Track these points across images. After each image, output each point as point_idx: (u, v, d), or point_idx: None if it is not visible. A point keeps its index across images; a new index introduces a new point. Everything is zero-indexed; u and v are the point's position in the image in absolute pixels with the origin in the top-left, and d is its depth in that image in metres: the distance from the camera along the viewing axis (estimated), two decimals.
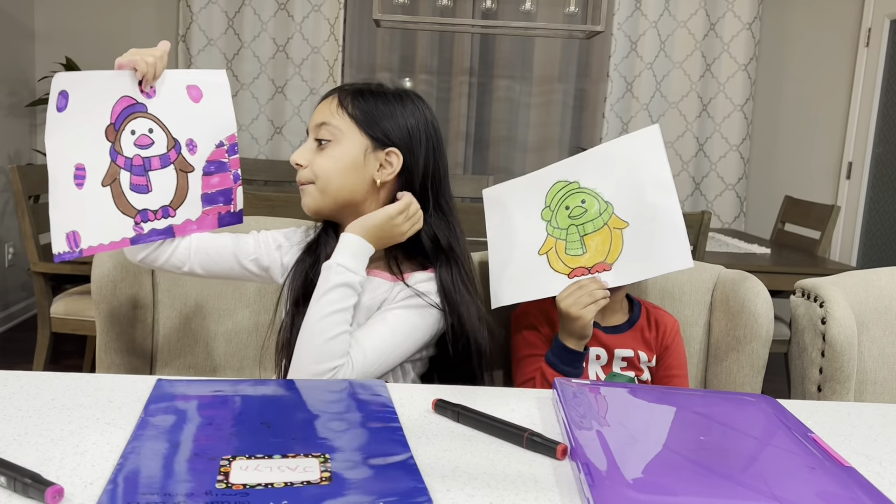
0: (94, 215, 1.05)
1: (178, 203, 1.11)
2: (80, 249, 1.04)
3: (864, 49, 3.61)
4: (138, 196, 1.08)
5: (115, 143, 1.06)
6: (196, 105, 1.12)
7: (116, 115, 1.06)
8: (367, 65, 3.92)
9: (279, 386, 0.93)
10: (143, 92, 1.08)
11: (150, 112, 1.08)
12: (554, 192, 1.19)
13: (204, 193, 1.13)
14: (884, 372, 1.28)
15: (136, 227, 1.08)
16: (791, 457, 0.74)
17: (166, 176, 1.10)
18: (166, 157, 1.10)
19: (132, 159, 1.07)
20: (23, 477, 0.63)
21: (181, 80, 1.11)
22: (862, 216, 3.60)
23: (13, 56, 3.63)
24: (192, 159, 1.12)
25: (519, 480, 0.71)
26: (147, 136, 1.08)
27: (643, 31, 3.78)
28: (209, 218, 1.14)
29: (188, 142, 1.11)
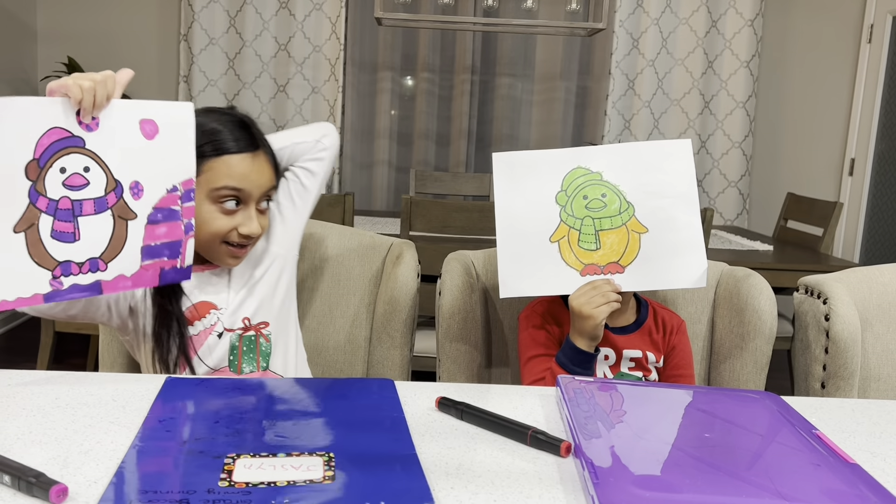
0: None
1: (112, 255, 0.95)
2: None
3: (867, 45, 3.61)
4: (61, 245, 0.90)
5: (36, 181, 0.88)
6: (149, 142, 0.97)
7: (43, 149, 0.88)
8: (368, 63, 3.92)
9: (285, 384, 0.93)
10: (82, 123, 0.91)
11: (87, 147, 0.92)
12: (573, 177, 1.15)
13: (146, 245, 0.98)
14: (887, 368, 1.27)
15: (54, 281, 0.90)
16: (795, 454, 0.74)
17: (100, 223, 0.93)
18: (103, 202, 0.93)
19: (58, 202, 0.90)
20: (27, 476, 0.63)
21: (134, 112, 0.96)
22: (865, 213, 3.60)
23: (16, 56, 3.63)
24: (136, 205, 0.96)
25: (523, 478, 0.71)
26: (81, 176, 0.91)
27: (645, 28, 3.77)
28: (148, 273, 0.98)
29: (133, 185, 0.96)
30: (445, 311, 1.27)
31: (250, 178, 1.10)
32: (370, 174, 3.98)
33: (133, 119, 0.96)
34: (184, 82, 3.75)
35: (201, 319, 1.14)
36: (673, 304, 1.33)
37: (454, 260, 1.32)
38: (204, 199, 1.09)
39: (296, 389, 0.91)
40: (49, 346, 2.40)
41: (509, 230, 1.16)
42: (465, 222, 2.27)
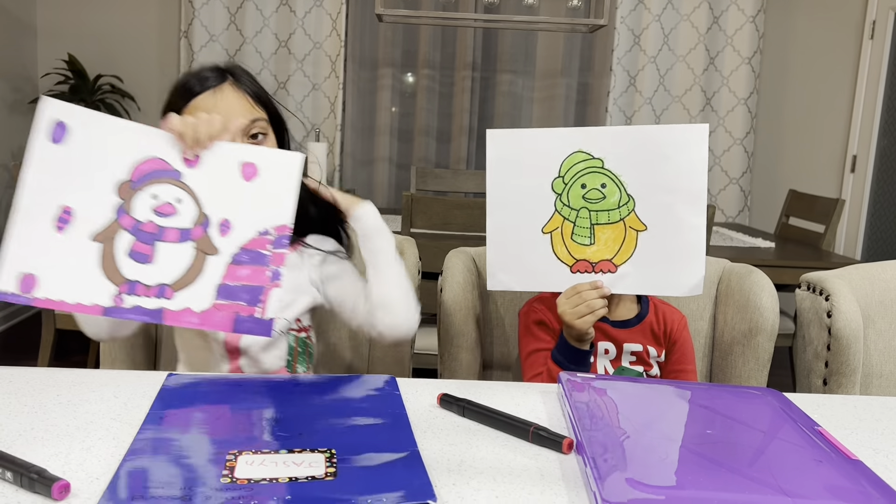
0: (66, 267, 0.89)
1: (182, 286, 0.92)
2: (30, 296, 0.87)
3: (869, 41, 3.60)
4: (134, 265, 0.91)
5: (126, 200, 0.92)
6: (246, 184, 0.95)
7: (140, 174, 0.93)
8: (369, 60, 3.92)
9: (287, 382, 0.93)
10: (185, 159, 0.94)
11: (182, 181, 0.94)
12: (571, 162, 1.06)
13: (223, 284, 0.92)
14: (889, 365, 1.27)
15: (117, 297, 0.90)
16: (798, 450, 0.74)
17: (179, 252, 0.92)
18: (187, 233, 0.93)
19: (143, 224, 0.92)
20: (29, 472, 0.63)
21: (237, 154, 0.96)
22: (866, 209, 3.59)
23: (16, 53, 3.63)
24: (221, 241, 0.93)
25: (525, 475, 0.71)
26: (171, 206, 0.93)
27: (646, 24, 3.76)
28: (221, 315, 0.91)
29: (222, 221, 0.94)
30: (447, 308, 1.27)
31: (218, 110, 1.03)
32: (371, 171, 3.97)
33: (235, 160, 0.95)
34: None
35: None
36: (674, 301, 1.33)
37: (455, 257, 1.32)
38: None
39: (298, 386, 0.91)
40: (50, 344, 2.40)
41: (500, 217, 1.09)
42: (466, 219, 2.27)
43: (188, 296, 0.91)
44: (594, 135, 1.06)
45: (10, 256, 0.87)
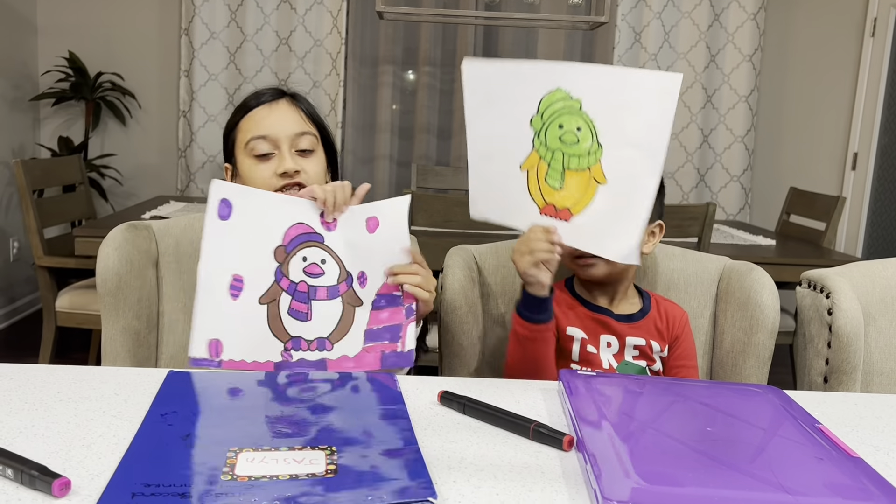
0: (243, 330, 0.98)
1: (339, 337, 1.02)
2: (219, 360, 0.97)
3: (870, 39, 3.59)
4: (295, 322, 1.00)
5: (283, 264, 1.01)
6: (371, 236, 1.04)
7: (290, 238, 1.02)
8: (369, 57, 3.91)
9: (288, 379, 0.93)
10: (324, 223, 1.04)
11: (326, 244, 1.03)
12: (551, 100, 1.01)
13: (368, 329, 1.02)
14: (890, 363, 1.27)
15: (285, 352, 0.99)
16: (798, 447, 0.74)
17: (331, 308, 1.02)
18: (335, 290, 1.02)
19: (297, 284, 1.01)
20: (30, 469, 0.63)
21: (363, 213, 1.05)
22: (867, 207, 3.59)
23: (16, 50, 3.63)
24: (362, 293, 1.03)
25: (525, 472, 0.71)
26: (318, 266, 1.03)
27: (647, 22, 3.76)
28: (370, 356, 1.01)
29: (360, 274, 1.03)
30: (447, 306, 1.27)
31: (270, 121, 1.18)
32: (371, 169, 3.97)
33: (361, 218, 1.05)
34: (185, 77, 3.75)
35: None
36: (675, 297, 1.33)
37: (456, 254, 1.32)
38: (243, 158, 1.18)
39: (297, 384, 0.91)
40: (51, 341, 2.40)
41: (481, 149, 1.06)
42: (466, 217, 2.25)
43: (344, 345, 1.01)
44: (575, 72, 1.00)
45: (199, 326, 0.97)
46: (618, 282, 1.23)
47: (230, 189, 1.00)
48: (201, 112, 3.74)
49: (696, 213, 2.31)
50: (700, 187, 3.91)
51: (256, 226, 1.00)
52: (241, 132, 1.20)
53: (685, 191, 3.90)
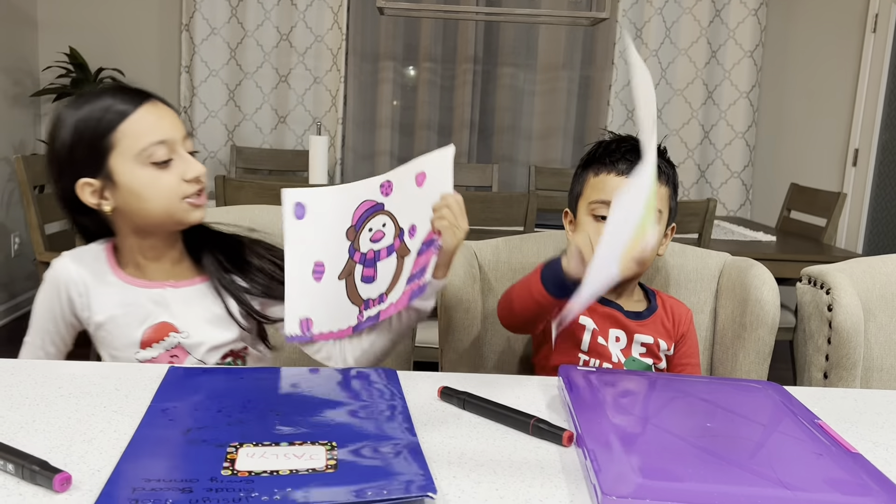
0: (327, 306, 1.08)
1: (391, 288, 1.08)
2: (310, 335, 1.07)
3: (871, 35, 3.59)
4: (366, 286, 1.09)
5: (353, 241, 1.10)
6: (419, 189, 1.09)
7: (357, 217, 1.10)
8: (370, 53, 3.91)
9: (289, 374, 0.93)
10: (382, 191, 1.10)
11: (386, 209, 1.10)
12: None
13: (410, 275, 1.08)
14: (890, 359, 1.27)
15: (360, 315, 1.09)
16: (798, 443, 0.74)
17: (389, 264, 1.09)
18: (391, 247, 1.10)
19: (366, 254, 1.10)
20: (31, 464, 0.63)
21: (412, 169, 1.09)
22: (868, 203, 3.59)
23: (17, 46, 3.63)
24: (411, 243, 1.09)
25: (525, 467, 0.71)
26: (381, 231, 1.10)
27: (648, 17, 3.75)
28: (404, 298, 1.06)
29: (411, 228, 1.10)
30: (447, 302, 1.27)
31: (164, 124, 1.06)
32: (372, 165, 3.97)
33: (411, 175, 1.09)
34: (185, 73, 3.74)
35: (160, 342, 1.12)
36: (676, 294, 1.33)
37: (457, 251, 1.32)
38: (136, 168, 1.03)
39: (299, 379, 0.91)
40: None
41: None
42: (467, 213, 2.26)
43: (393, 295, 1.07)
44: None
45: (290, 307, 1.06)
46: (630, 279, 1.22)
47: (302, 194, 1.09)
48: (202, 108, 3.74)
49: (697, 209, 2.31)
50: (701, 183, 3.91)
51: (329, 218, 1.10)
52: (127, 139, 1.02)
53: (686, 187, 3.90)
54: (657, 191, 1.16)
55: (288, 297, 1.07)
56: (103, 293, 1.10)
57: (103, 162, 1.02)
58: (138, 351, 1.10)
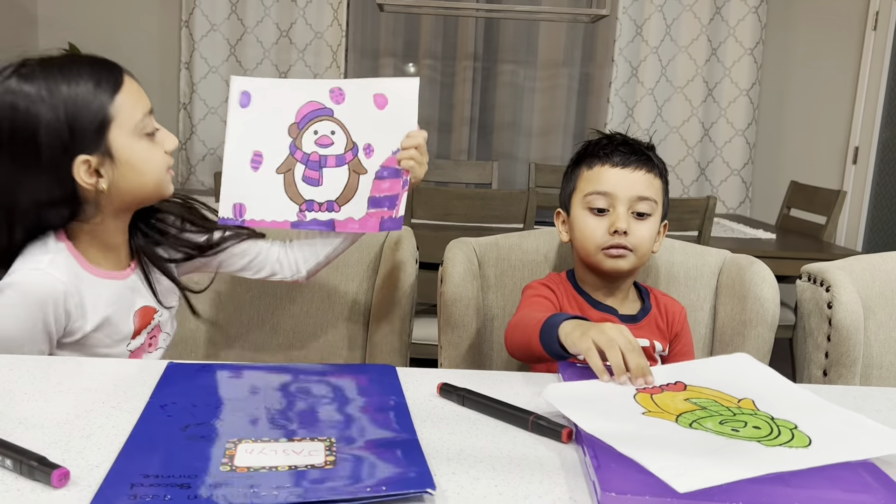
0: (263, 195, 1.16)
1: (345, 201, 1.16)
2: (242, 219, 1.16)
3: (872, 33, 3.58)
4: (308, 187, 1.16)
5: (296, 139, 1.16)
6: (380, 112, 1.15)
7: (302, 115, 1.16)
8: (370, 50, 3.90)
9: (288, 370, 0.93)
10: (333, 97, 1.16)
11: (335, 116, 1.16)
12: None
13: (372, 196, 1.15)
14: (890, 356, 1.27)
15: (300, 213, 1.16)
16: None
17: (339, 174, 1.16)
18: (342, 158, 1.16)
19: (310, 155, 1.16)
20: (29, 460, 0.63)
21: (370, 87, 1.15)
22: (868, 201, 3.59)
23: (16, 42, 3.62)
24: (367, 163, 1.16)
25: (524, 464, 0.71)
26: (328, 137, 1.16)
27: (648, 15, 3.75)
28: (372, 220, 1.15)
29: (366, 146, 1.15)
30: (447, 299, 1.27)
31: (142, 94, 1.06)
32: None
33: (369, 93, 1.15)
34: (185, 69, 3.74)
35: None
36: (676, 292, 1.33)
37: (456, 247, 1.32)
38: (134, 140, 1.02)
39: (297, 375, 0.91)
40: None
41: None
42: (466, 210, 2.27)
43: (350, 208, 1.15)
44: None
45: (225, 192, 1.15)
46: (624, 279, 1.22)
47: (249, 82, 1.16)
48: (202, 104, 3.74)
49: (697, 207, 2.31)
50: (701, 181, 3.91)
51: (271, 109, 1.16)
52: (124, 111, 1.01)
53: (686, 184, 3.89)
54: (651, 181, 1.18)
55: (224, 181, 1.16)
56: (93, 296, 1.04)
57: (103, 136, 0.99)
58: (129, 342, 1.09)
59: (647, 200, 1.16)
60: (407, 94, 1.14)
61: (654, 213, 1.18)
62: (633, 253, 1.16)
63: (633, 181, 1.16)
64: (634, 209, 1.16)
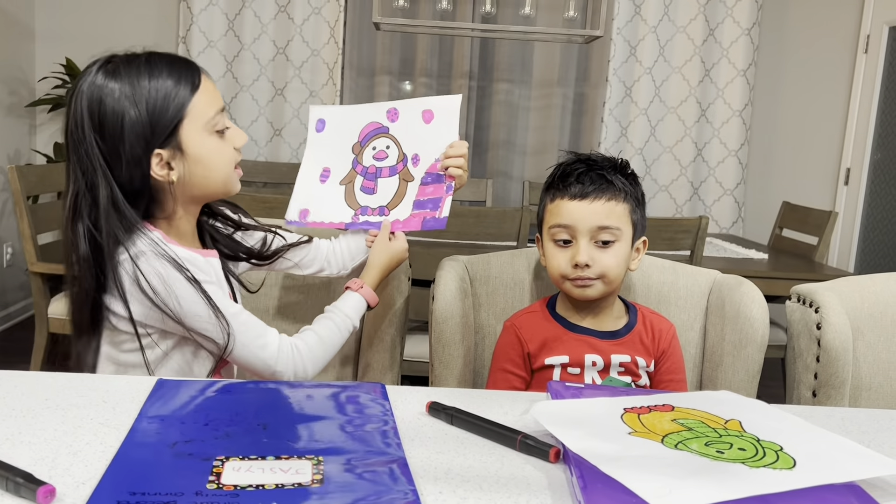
0: (325, 202, 1.33)
1: (394, 205, 1.29)
2: (305, 222, 1.33)
3: (863, 55, 3.62)
4: (364, 195, 1.31)
5: (358, 155, 1.33)
6: (427, 125, 1.30)
7: (364, 135, 1.34)
8: (366, 68, 3.93)
9: (277, 388, 0.93)
10: (389, 117, 1.33)
11: (390, 133, 1.32)
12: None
13: (416, 200, 1.28)
14: (878, 378, 1.28)
15: (354, 216, 1.31)
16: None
17: (390, 183, 1.30)
18: (394, 169, 1.31)
19: (368, 168, 1.32)
20: (15, 476, 0.63)
21: (419, 106, 1.31)
22: (860, 222, 3.61)
23: (13, 56, 3.63)
24: (415, 171, 1.29)
25: (511, 483, 0.71)
26: (384, 152, 1.32)
27: (642, 35, 3.78)
28: (415, 220, 1.28)
29: (414, 156, 1.30)
30: (438, 316, 1.27)
31: (217, 93, 1.11)
32: None
33: (418, 111, 1.31)
34: None
35: None
36: (665, 311, 1.33)
37: (448, 265, 1.33)
38: (204, 136, 1.06)
39: (286, 392, 0.91)
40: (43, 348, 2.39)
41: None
42: (460, 227, 2.27)
43: (397, 212, 1.29)
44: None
45: (295, 199, 1.34)
46: (603, 298, 1.22)
47: (323, 110, 1.37)
48: None
49: (689, 226, 2.32)
50: (693, 200, 3.93)
51: (341, 132, 1.35)
52: (197, 108, 1.05)
53: (679, 204, 3.91)
54: (612, 209, 1.16)
55: (296, 191, 1.34)
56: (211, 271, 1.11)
57: (176, 132, 1.03)
58: None
59: (608, 229, 1.15)
60: (451, 109, 1.29)
61: (619, 239, 1.17)
62: (599, 281, 1.16)
63: (591, 212, 1.15)
64: (597, 238, 1.15)
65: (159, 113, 1.02)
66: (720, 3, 3.77)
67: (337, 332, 1.19)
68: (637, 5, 3.77)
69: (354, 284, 1.24)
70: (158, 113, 1.02)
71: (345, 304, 1.22)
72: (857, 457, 0.75)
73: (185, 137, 1.04)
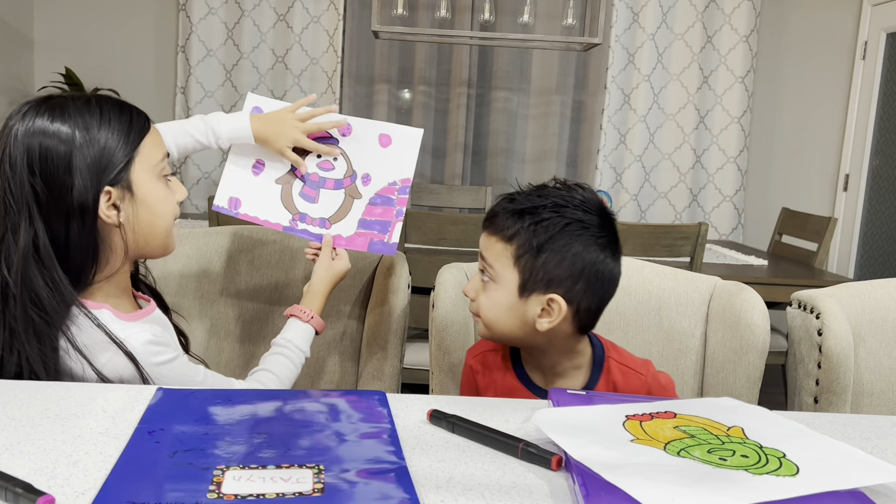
0: (259, 196, 1.27)
1: (337, 220, 1.27)
2: (236, 212, 1.27)
3: (861, 62, 3.63)
4: (304, 202, 1.28)
5: None
6: (383, 149, 1.30)
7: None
8: (365, 76, 3.94)
9: (278, 397, 0.93)
10: (340, 130, 1.30)
11: (340, 146, 1.30)
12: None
13: (363, 219, 1.27)
14: (880, 384, 1.27)
15: (292, 221, 1.27)
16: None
17: (334, 196, 1.28)
18: (340, 182, 1.29)
19: (310, 175, 1.29)
20: (14, 486, 0.62)
21: (376, 128, 1.31)
22: (859, 228, 3.61)
23: (12, 66, 3.64)
24: (364, 189, 1.29)
25: (513, 491, 0.70)
26: (330, 163, 1.30)
27: (641, 43, 3.79)
28: (361, 239, 1.27)
29: (365, 175, 1.29)
30: (438, 324, 1.27)
31: (162, 142, 1.09)
32: None
33: (375, 132, 1.30)
34: (181, 94, 3.76)
35: None
36: (666, 319, 1.33)
37: (448, 272, 1.32)
38: (153, 179, 1.04)
39: (286, 401, 0.91)
40: None
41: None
42: (460, 235, 2.27)
43: (340, 227, 1.27)
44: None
45: (224, 184, 1.28)
46: (541, 354, 1.07)
47: (262, 100, 1.30)
48: None
49: (689, 233, 2.33)
50: (693, 207, 3.93)
51: None
52: (146, 148, 1.04)
53: (678, 210, 3.92)
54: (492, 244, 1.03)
55: (225, 175, 1.28)
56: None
57: (127, 169, 1.01)
58: None
59: (483, 261, 1.04)
60: (411, 140, 1.29)
61: (495, 280, 1.02)
62: (480, 319, 1.06)
63: (482, 243, 1.06)
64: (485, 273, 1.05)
65: (111, 149, 0.99)
66: (718, 10, 3.78)
67: (293, 367, 1.19)
68: (635, 13, 3.78)
69: (302, 314, 1.21)
70: (111, 149, 0.99)
71: (295, 337, 1.20)
72: (860, 463, 0.75)
73: (135, 177, 1.02)
